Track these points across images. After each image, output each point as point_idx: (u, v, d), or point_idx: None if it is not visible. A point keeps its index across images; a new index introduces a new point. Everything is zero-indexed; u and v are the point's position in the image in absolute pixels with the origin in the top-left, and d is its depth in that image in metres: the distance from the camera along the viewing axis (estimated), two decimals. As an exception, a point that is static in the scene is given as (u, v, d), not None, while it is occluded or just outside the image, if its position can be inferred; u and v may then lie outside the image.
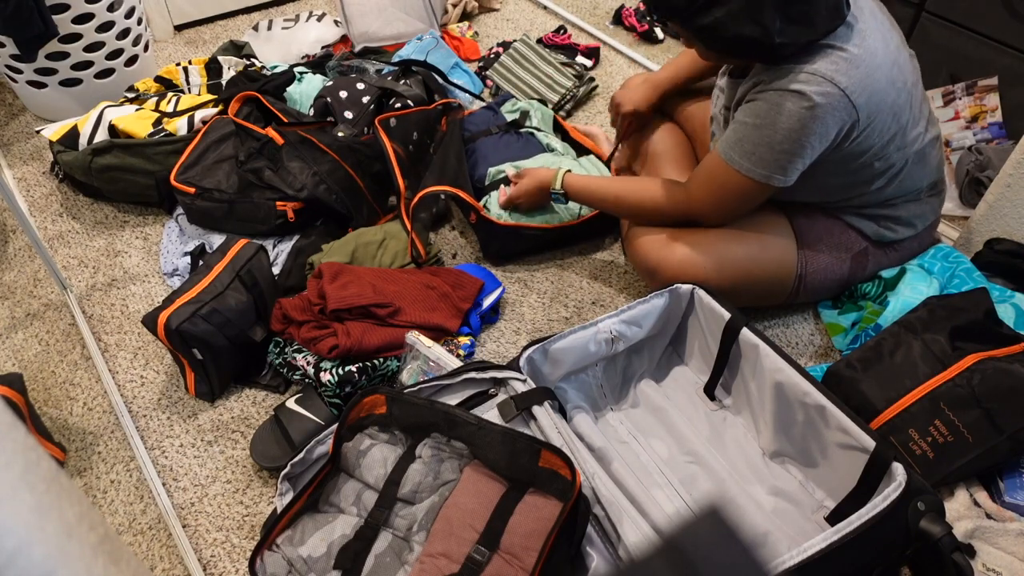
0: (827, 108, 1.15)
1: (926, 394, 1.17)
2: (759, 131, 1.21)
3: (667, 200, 1.37)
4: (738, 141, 1.24)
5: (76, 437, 1.35)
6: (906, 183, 1.34)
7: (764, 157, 1.22)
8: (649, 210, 1.40)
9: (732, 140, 1.25)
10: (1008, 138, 1.78)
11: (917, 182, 1.35)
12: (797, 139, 1.18)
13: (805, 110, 1.16)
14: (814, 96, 1.15)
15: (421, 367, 1.27)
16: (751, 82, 1.25)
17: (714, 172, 1.29)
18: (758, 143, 1.21)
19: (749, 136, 1.22)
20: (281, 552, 1.05)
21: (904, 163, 1.30)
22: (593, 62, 2.24)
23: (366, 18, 2.22)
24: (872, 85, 1.17)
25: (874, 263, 1.43)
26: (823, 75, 1.15)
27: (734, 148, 1.25)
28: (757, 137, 1.21)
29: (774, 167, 1.22)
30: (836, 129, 1.19)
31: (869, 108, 1.18)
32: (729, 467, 1.22)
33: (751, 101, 1.22)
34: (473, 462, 1.05)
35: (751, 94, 1.23)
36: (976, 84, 1.80)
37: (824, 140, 1.19)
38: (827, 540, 0.91)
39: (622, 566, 0.36)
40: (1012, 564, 1.08)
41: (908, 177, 1.33)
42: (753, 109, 1.21)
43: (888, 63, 1.20)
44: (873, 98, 1.18)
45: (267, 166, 1.61)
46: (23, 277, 1.65)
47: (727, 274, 1.34)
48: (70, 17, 1.81)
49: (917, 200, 1.39)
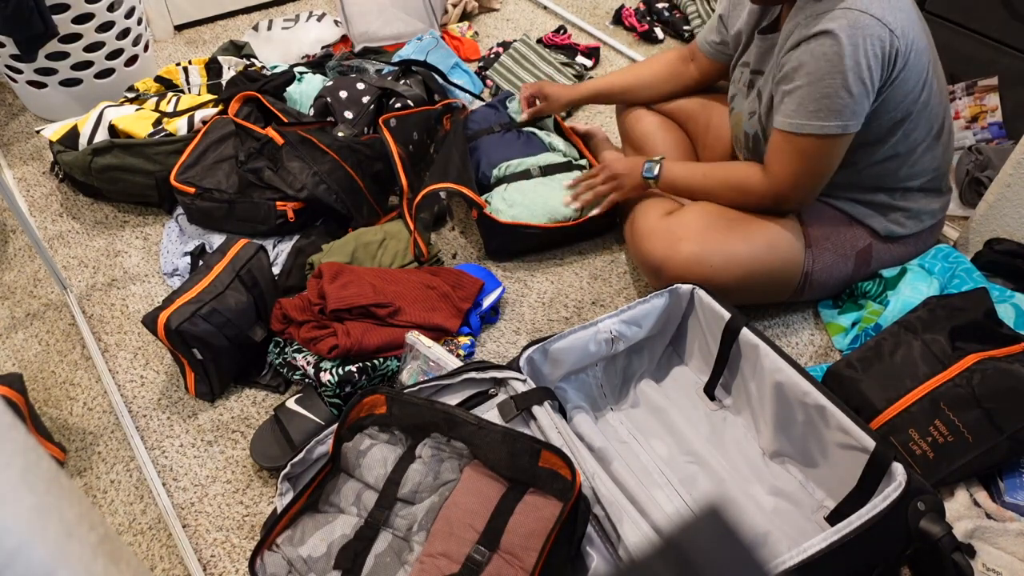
0: (869, 39, 1.15)
1: (926, 394, 1.17)
2: (813, 87, 1.20)
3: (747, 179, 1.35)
4: (799, 106, 1.23)
5: (76, 437, 1.35)
6: (924, 161, 1.34)
7: (831, 107, 1.20)
8: (732, 187, 1.38)
9: (791, 109, 1.24)
10: (1008, 138, 1.78)
11: (934, 161, 1.36)
12: (858, 75, 1.17)
13: (849, 47, 1.15)
14: (852, 31, 1.15)
15: (421, 367, 1.27)
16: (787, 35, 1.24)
17: (788, 148, 1.27)
18: (820, 96, 1.20)
19: (808, 95, 1.21)
20: (281, 552, 1.05)
21: (928, 130, 1.30)
22: (593, 62, 2.24)
23: (366, 18, 2.22)
24: (903, 17, 1.18)
25: (877, 261, 1.43)
26: (859, 8, 1.15)
27: (797, 114, 1.23)
28: (816, 91, 1.20)
29: (844, 113, 1.21)
30: (884, 55, 1.18)
31: (905, 35, 1.18)
32: (729, 467, 1.22)
33: (795, 57, 1.22)
34: (473, 462, 1.05)
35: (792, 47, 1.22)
36: (976, 84, 1.80)
37: (877, 70, 1.18)
38: (827, 540, 0.91)
39: (622, 566, 0.36)
40: (1012, 564, 1.08)
41: (927, 154, 1.33)
42: (796, 69, 1.21)
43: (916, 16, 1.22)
44: (907, 28, 1.19)
45: (267, 166, 1.61)
46: (23, 277, 1.65)
47: (733, 272, 1.34)
48: (70, 17, 1.81)
49: (927, 192, 1.39)
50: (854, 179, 1.37)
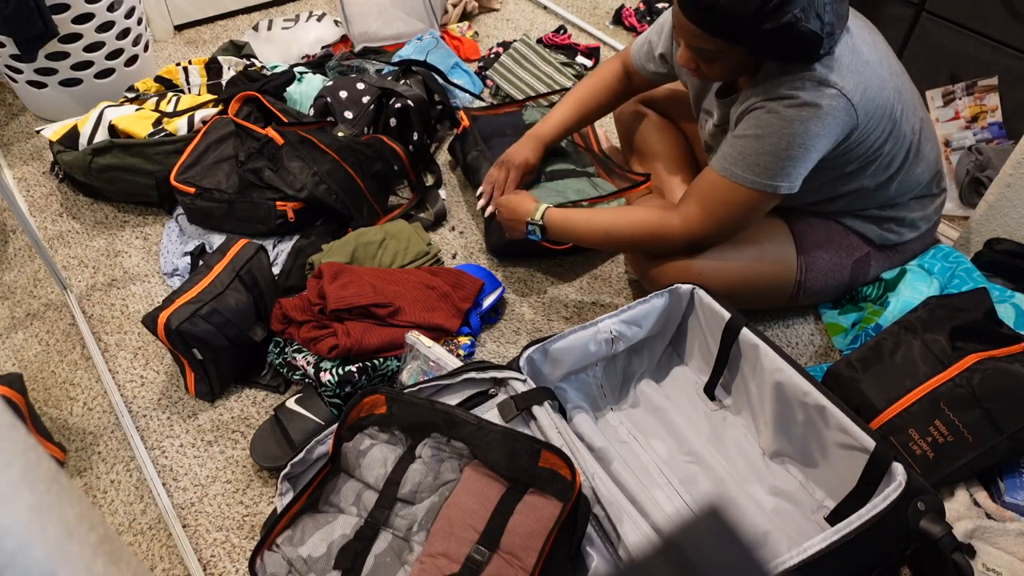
0: (828, 110, 1.15)
1: (926, 394, 1.17)
2: (762, 141, 1.19)
3: (661, 227, 1.31)
4: (740, 155, 1.21)
5: (76, 437, 1.35)
6: (907, 180, 1.33)
7: (770, 166, 1.20)
8: (643, 239, 1.34)
9: (732, 156, 1.23)
10: (1008, 138, 1.78)
11: (918, 177, 1.35)
12: (803, 143, 1.17)
13: (808, 113, 1.15)
14: (815, 99, 1.14)
15: (421, 367, 1.27)
16: (745, 98, 1.23)
17: (714, 191, 1.26)
18: (762, 153, 1.19)
19: (751, 148, 1.20)
20: (281, 552, 1.05)
21: (903, 158, 1.29)
22: (593, 62, 2.24)
23: (366, 18, 2.22)
24: (866, 80, 1.17)
25: (876, 267, 1.43)
26: (820, 78, 1.14)
27: (736, 163, 1.22)
28: (760, 147, 1.19)
29: (780, 175, 1.20)
30: (838, 130, 1.18)
31: (866, 107, 1.18)
32: (729, 467, 1.22)
33: (751, 112, 1.20)
34: (473, 462, 1.05)
35: (748, 107, 1.21)
36: (976, 84, 1.80)
37: (828, 142, 1.19)
38: (827, 540, 0.91)
39: (622, 566, 0.36)
40: (1012, 564, 1.08)
41: (908, 173, 1.32)
42: (753, 120, 1.19)
43: (876, 59, 1.20)
44: (868, 93, 1.18)
45: (267, 166, 1.61)
46: (23, 277, 1.65)
47: (726, 281, 1.34)
48: (70, 17, 1.81)
49: (920, 199, 1.39)
50: (839, 207, 1.37)
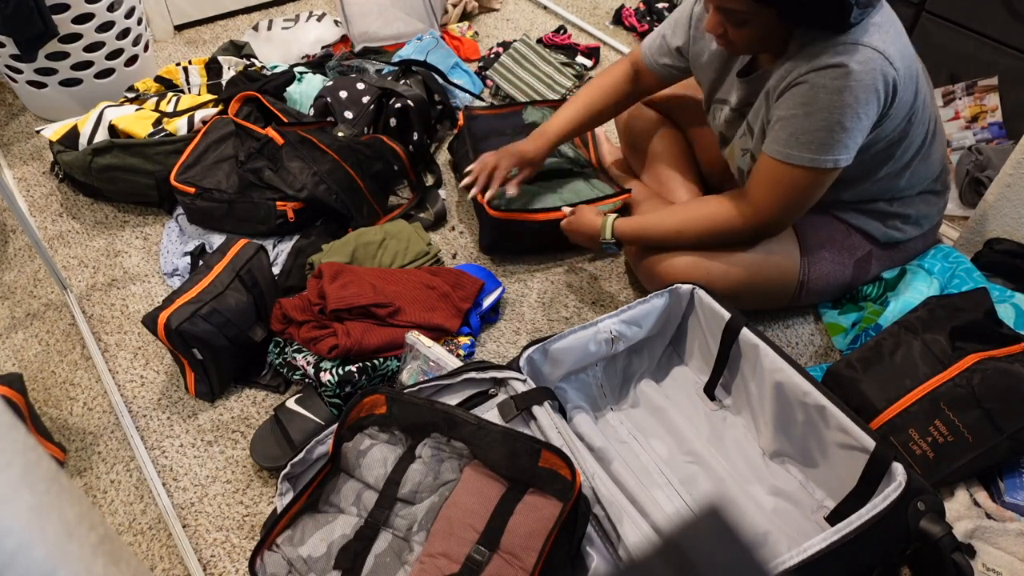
0: (872, 73, 1.13)
1: (926, 394, 1.17)
2: (812, 118, 1.17)
3: (733, 220, 1.31)
4: (791, 136, 1.20)
5: (76, 437, 1.35)
6: (920, 170, 1.33)
7: (824, 141, 1.18)
8: (718, 234, 1.34)
9: (784, 137, 1.21)
10: (1008, 138, 1.78)
11: (930, 168, 1.35)
12: (854, 111, 1.15)
13: (854, 81, 1.13)
14: (858, 64, 1.12)
15: (421, 367, 1.27)
16: (783, 74, 1.21)
17: (775, 176, 1.24)
18: (815, 129, 1.17)
19: (802, 126, 1.18)
20: (281, 552, 1.05)
21: (921, 142, 1.29)
22: (593, 62, 2.24)
23: (366, 18, 2.22)
24: (900, 45, 1.17)
25: (878, 266, 1.44)
26: (861, 43, 1.13)
27: (789, 144, 1.20)
28: (812, 123, 1.17)
29: (837, 147, 1.18)
30: (884, 91, 1.16)
31: (904, 70, 1.17)
32: (729, 467, 1.22)
33: (792, 89, 1.18)
34: (473, 462, 1.05)
35: (788, 83, 1.19)
36: (976, 84, 1.80)
37: (876, 106, 1.17)
38: (827, 540, 0.91)
39: (622, 566, 0.36)
40: (1012, 564, 1.08)
41: (923, 162, 1.32)
42: (798, 98, 1.17)
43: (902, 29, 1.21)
44: (904, 55, 1.17)
45: (267, 166, 1.61)
46: (23, 277, 1.65)
47: (730, 280, 1.34)
48: (70, 17, 1.81)
49: (926, 194, 1.39)
50: (851, 196, 1.37)
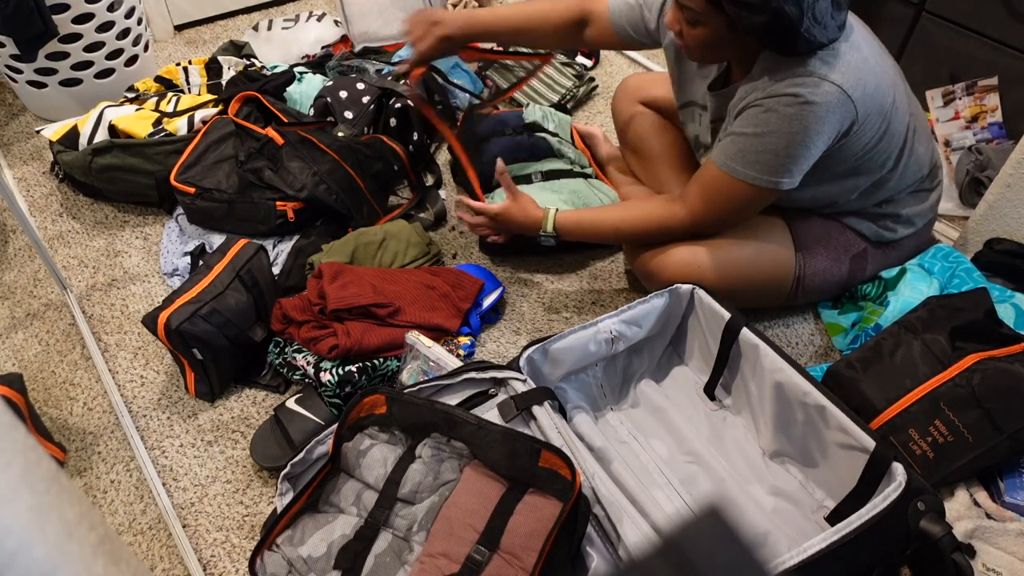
0: (827, 107, 1.15)
1: (926, 394, 1.17)
2: (761, 139, 1.20)
3: (668, 220, 1.35)
4: (739, 152, 1.23)
5: (76, 437, 1.35)
6: (902, 178, 1.34)
7: (769, 163, 1.21)
8: (652, 232, 1.38)
9: (732, 152, 1.24)
10: (1008, 138, 1.78)
11: (912, 175, 1.35)
12: (802, 141, 1.18)
13: (807, 112, 1.16)
14: (814, 97, 1.15)
15: (421, 367, 1.27)
16: (743, 94, 1.23)
17: (716, 185, 1.28)
18: (761, 151, 1.21)
19: (750, 145, 1.21)
20: (281, 552, 1.05)
21: (897, 156, 1.30)
22: (593, 62, 2.24)
23: (366, 18, 2.22)
24: (863, 78, 1.17)
25: (874, 264, 1.44)
26: (820, 75, 1.15)
27: (735, 159, 1.24)
28: (760, 145, 1.21)
29: (780, 171, 1.22)
30: (837, 127, 1.19)
31: (864, 104, 1.18)
32: (729, 467, 1.22)
33: (748, 110, 1.21)
34: (473, 462, 1.05)
35: (745, 104, 1.22)
36: (976, 84, 1.80)
37: (827, 138, 1.20)
38: (827, 540, 0.91)
39: (622, 566, 0.36)
40: (1012, 564, 1.08)
41: (903, 172, 1.33)
42: (752, 119, 1.21)
43: (873, 56, 1.21)
44: (867, 90, 1.18)
45: (267, 166, 1.61)
46: (23, 277, 1.65)
47: (725, 278, 1.34)
48: (70, 17, 1.81)
49: (916, 193, 1.39)
50: (839, 207, 1.38)
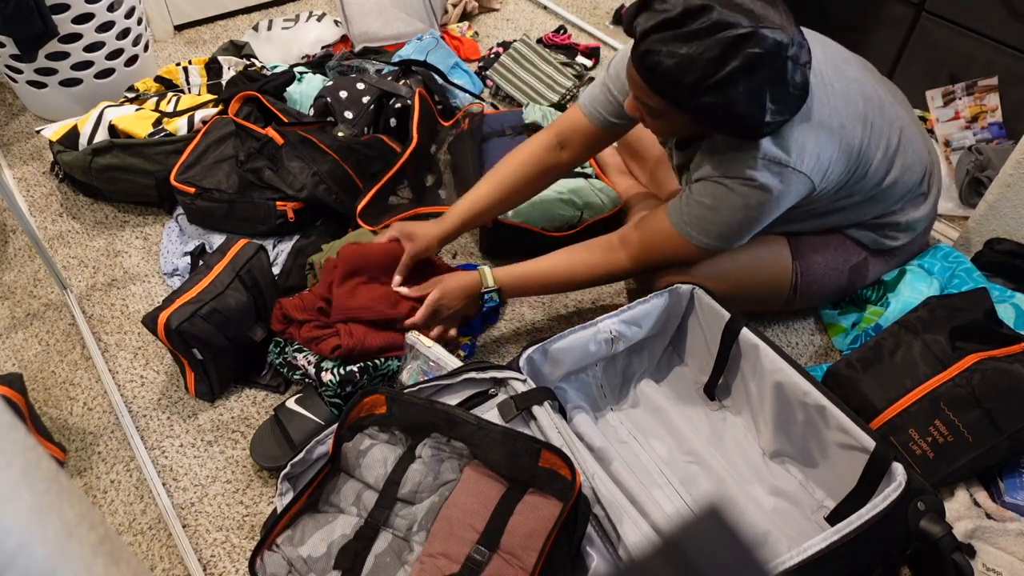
0: (784, 191, 1.19)
1: (926, 394, 1.17)
2: (716, 212, 1.22)
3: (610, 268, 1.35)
4: (695, 219, 1.25)
5: (76, 437, 1.35)
6: (891, 193, 1.32)
7: (722, 233, 1.25)
8: (601, 279, 1.37)
9: (688, 217, 1.25)
10: (1008, 138, 1.78)
11: (904, 186, 1.33)
12: (756, 217, 1.22)
13: (764, 197, 1.19)
14: (770, 183, 1.17)
15: (421, 367, 1.27)
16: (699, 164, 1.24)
17: (665, 240, 1.29)
18: (715, 222, 1.23)
19: (706, 216, 1.23)
20: (281, 552, 1.05)
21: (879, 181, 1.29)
22: (593, 62, 2.24)
23: (366, 18, 2.22)
24: (821, 148, 1.18)
25: (875, 271, 1.43)
26: (775, 159, 1.16)
27: (691, 225, 1.25)
28: (714, 217, 1.23)
29: (732, 239, 1.26)
30: (794, 200, 1.22)
31: (823, 171, 1.20)
32: (729, 467, 1.22)
33: (709, 183, 1.21)
34: (473, 462, 1.05)
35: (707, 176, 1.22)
36: (976, 84, 1.80)
37: (783, 211, 1.23)
38: (827, 540, 0.91)
39: (622, 566, 0.36)
40: (1012, 564, 1.08)
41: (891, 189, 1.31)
42: (710, 191, 1.21)
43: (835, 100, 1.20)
44: (823, 159, 1.19)
45: (267, 166, 1.61)
46: (23, 277, 1.65)
47: (721, 287, 1.33)
48: (70, 17, 1.81)
49: (914, 200, 1.38)
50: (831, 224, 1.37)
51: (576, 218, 1.59)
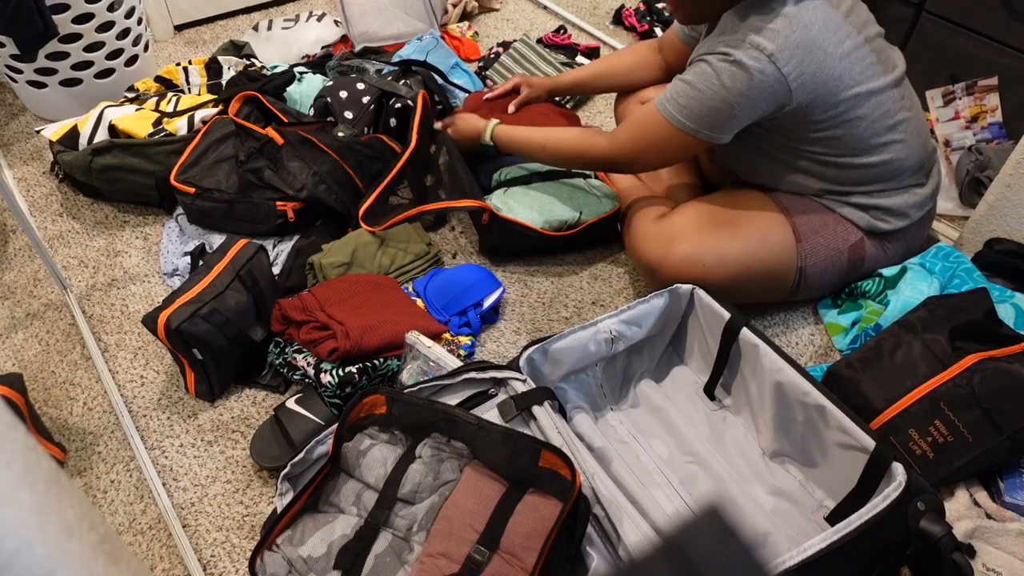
0: (759, 78, 1.22)
1: (926, 394, 1.17)
2: (693, 88, 1.27)
3: (590, 147, 1.44)
4: (675, 95, 1.30)
5: (76, 437, 1.35)
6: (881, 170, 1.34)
7: (696, 112, 1.28)
8: (575, 156, 1.47)
9: (670, 94, 1.31)
10: (1008, 138, 1.78)
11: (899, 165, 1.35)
12: (726, 99, 1.25)
13: (737, 73, 1.23)
14: (746, 62, 1.21)
15: (421, 367, 1.27)
16: (699, 47, 1.31)
17: (644, 120, 1.35)
18: (691, 97, 1.28)
19: (685, 91, 1.29)
20: (281, 552, 1.05)
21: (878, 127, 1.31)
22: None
23: (366, 18, 2.22)
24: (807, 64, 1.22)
25: (871, 255, 1.43)
26: (758, 44, 1.21)
27: (670, 101, 1.31)
28: (691, 92, 1.28)
29: (704, 123, 1.29)
30: (768, 99, 1.25)
31: (804, 88, 1.23)
32: (729, 467, 1.22)
33: (693, 63, 1.29)
34: (473, 462, 1.05)
35: (695, 56, 1.30)
36: (976, 84, 1.80)
37: (755, 107, 1.26)
38: (827, 540, 0.91)
39: (622, 566, 0.36)
40: (1012, 564, 1.08)
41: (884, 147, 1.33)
42: (694, 70, 1.28)
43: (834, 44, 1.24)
44: (807, 75, 1.23)
45: (267, 166, 1.61)
46: (23, 277, 1.65)
47: (728, 271, 1.34)
48: (70, 17, 1.81)
49: (906, 187, 1.38)
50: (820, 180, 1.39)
51: (575, 218, 1.59)
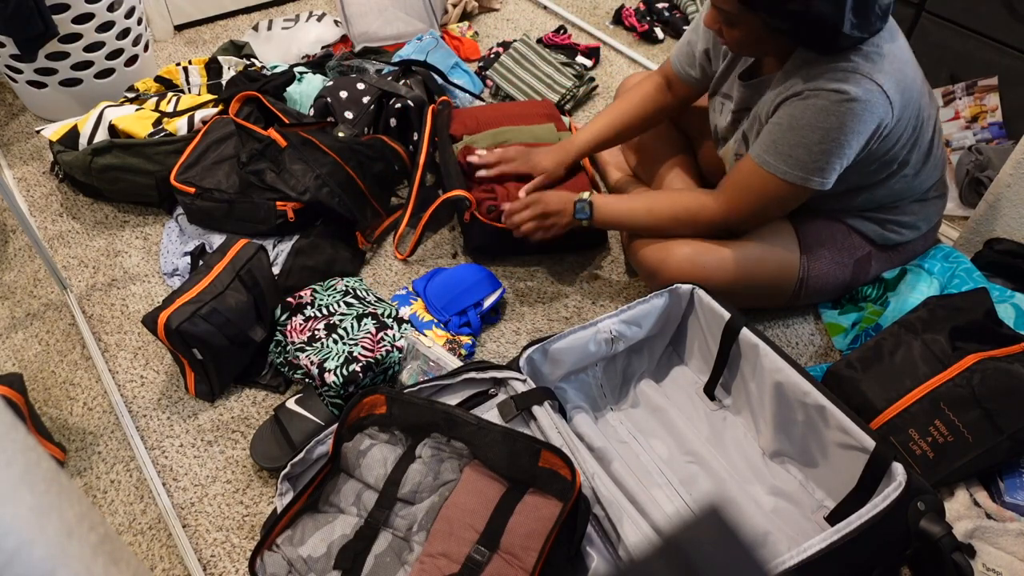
0: (867, 105, 1.14)
1: (926, 394, 1.17)
2: (795, 132, 1.19)
3: (699, 211, 1.34)
4: (772, 144, 1.22)
5: (76, 437, 1.35)
6: (914, 185, 1.34)
7: (801, 158, 1.20)
8: (682, 220, 1.36)
9: (766, 143, 1.23)
10: (1008, 138, 1.78)
11: (924, 182, 1.35)
12: (836, 138, 1.17)
13: (845, 109, 1.14)
14: (854, 94, 1.13)
15: (421, 367, 1.27)
16: (780, 82, 1.22)
17: (749, 178, 1.27)
18: (795, 144, 1.19)
19: (784, 138, 1.20)
20: (281, 552, 1.05)
21: (920, 162, 1.30)
22: (593, 62, 2.24)
23: (366, 18, 2.22)
24: (904, 81, 1.18)
25: (877, 267, 1.43)
26: (862, 72, 1.14)
27: (768, 151, 1.23)
28: (793, 139, 1.19)
29: (811, 169, 1.20)
30: (874, 126, 1.18)
31: (902, 104, 1.18)
32: (729, 467, 1.22)
33: (788, 101, 1.20)
34: (473, 462, 1.05)
35: (785, 96, 1.21)
36: (976, 84, 1.80)
37: (862, 138, 1.18)
38: (827, 540, 0.91)
39: (622, 566, 0.36)
40: (1012, 564, 1.08)
41: (916, 179, 1.33)
42: (789, 110, 1.19)
43: (911, 58, 1.21)
44: (905, 94, 1.18)
45: (269, 168, 1.61)
46: (23, 277, 1.65)
47: (728, 276, 1.34)
48: (70, 17, 1.81)
49: (922, 201, 1.39)
50: (848, 206, 1.38)
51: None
